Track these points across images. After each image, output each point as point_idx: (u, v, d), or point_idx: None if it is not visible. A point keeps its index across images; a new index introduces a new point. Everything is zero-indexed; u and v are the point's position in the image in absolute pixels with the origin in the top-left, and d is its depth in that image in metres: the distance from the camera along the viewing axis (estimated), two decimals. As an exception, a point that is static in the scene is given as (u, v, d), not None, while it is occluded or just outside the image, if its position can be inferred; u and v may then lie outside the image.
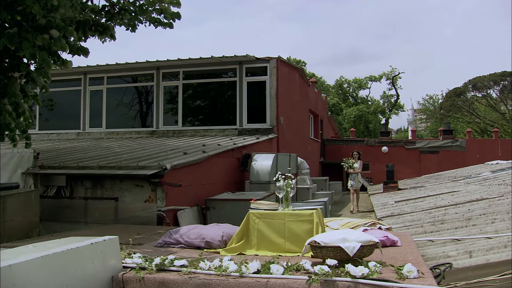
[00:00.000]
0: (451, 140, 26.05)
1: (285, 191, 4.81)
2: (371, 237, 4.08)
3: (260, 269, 3.66)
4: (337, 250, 3.85)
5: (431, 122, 61.54)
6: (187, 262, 3.79)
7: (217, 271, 3.64)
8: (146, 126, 16.52)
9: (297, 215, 4.67)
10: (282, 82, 15.79)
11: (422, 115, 65.94)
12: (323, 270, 3.45)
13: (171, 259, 3.81)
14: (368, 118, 48.63)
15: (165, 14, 7.14)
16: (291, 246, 4.57)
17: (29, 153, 8.62)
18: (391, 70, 48.14)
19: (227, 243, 4.76)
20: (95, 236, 6.14)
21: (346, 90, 52.30)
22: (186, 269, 3.68)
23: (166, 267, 3.75)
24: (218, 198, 9.36)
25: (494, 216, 7.12)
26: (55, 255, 3.07)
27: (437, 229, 6.91)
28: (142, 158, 9.40)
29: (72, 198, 8.57)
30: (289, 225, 4.61)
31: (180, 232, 4.98)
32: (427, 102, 61.80)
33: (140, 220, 8.10)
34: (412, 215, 8.81)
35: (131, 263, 3.90)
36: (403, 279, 3.49)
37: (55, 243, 3.54)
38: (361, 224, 5.10)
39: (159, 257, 3.81)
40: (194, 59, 15.57)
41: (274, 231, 4.63)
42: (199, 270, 3.69)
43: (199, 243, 4.76)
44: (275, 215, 4.71)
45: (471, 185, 12.60)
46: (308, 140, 22.23)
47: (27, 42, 6.00)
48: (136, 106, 17.00)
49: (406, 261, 4.07)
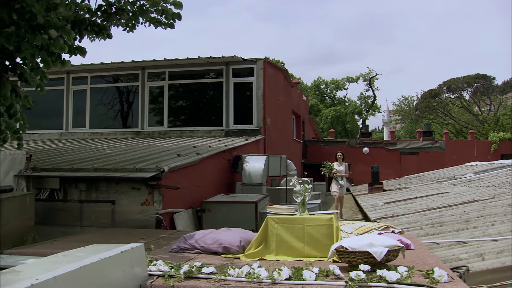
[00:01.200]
0: (430, 141, 26.51)
1: (303, 195, 4.80)
2: (396, 241, 4.10)
3: (291, 276, 3.63)
4: (364, 255, 3.85)
5: (406, 123, 62.56)
6: (215, 269, 3.73)
7: (248, 278, 3.59)
8: (131, 126, 16.30)
9: (316, 220, 4.66)
10: (268, 83, 15.81)
11: (397, 116, 66.95)
12: (360, 276, 3.45)
13: (199, 266, 3.75)
14: (346, 119, 49.11)
15: (166, 15, 7.05)
16: (311, 250, 4.55)
17: (21, 155, 8.40)
18: (368, 72, 48.74)
19: (245, 248, 4.71)
20: (101, 240, 6.04)
21: (324, 91, 52.66)
22: (215, 277, 3.62)
23: (194, 274, 3.68)
24: (214, 201, 9.29)
25: (492, 218, 7.26)
26: (92, 265, 2.98)
27: (438, 231, 6.99)
28: (136, 160, 9.26)
29: (66, 201, 8.38)
30: (308, 229, 4.60)
31: (195, 237, 4.91)
32: (402, 103, 62.78)
33: (137, 224, 7.96)
34: (408, 217, 8.90)
35: (156, 270, 3.82)
36: (435, 284, 3.51)
37: (82, 251, 3.44)
38: (375, 228, 5.12)
39: (187, 264, 3.75)
40: (181, 59, 15.46)
41: (293, 236, 4.61)
42: (229, 277, 3.63)
43: (217, 248, 4.70)
44: (294, 220, 4.69)
45: (457, 187, 12.83)
46: (291, 141, 22.31)
47: (26, 43, 5.85)
48: (121, 106, 16.77)
49: (427, 264, 4.10)
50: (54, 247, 5.65)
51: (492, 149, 29.49)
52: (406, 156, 25.90)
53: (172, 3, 7.02)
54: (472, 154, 28.63)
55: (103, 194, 8.43)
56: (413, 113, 56.94)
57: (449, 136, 32.58)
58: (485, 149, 29.58)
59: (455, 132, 45.15)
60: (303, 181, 4.89)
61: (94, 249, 3.50)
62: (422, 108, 51.19)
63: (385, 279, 3.48)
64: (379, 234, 5.02)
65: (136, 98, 16.26)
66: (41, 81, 7.01)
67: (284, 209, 4.98)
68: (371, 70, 48.74)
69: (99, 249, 3.50)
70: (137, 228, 7.85)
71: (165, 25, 7.24)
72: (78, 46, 6.77)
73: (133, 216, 8.12)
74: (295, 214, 4.87)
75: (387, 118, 72.65)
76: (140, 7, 7.12)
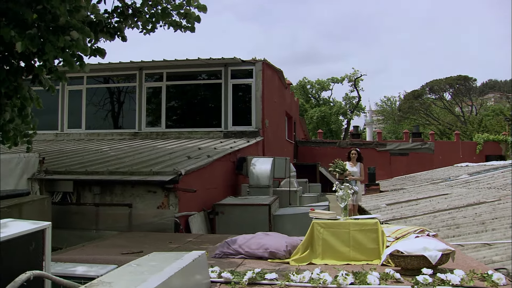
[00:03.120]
0: (420, 142, 26.88)
1: (346, 200, 4.86)
2: (446, 245, 4.18)
3: (354, 281, 3.68)
4: (420, 259, 3.94)
5: (389, 123, 63.23)
6: (277, 275, 3.76)
7: (313, 283, 3.64)
8: (128, 127, 16.15)
9: (361, 225, 4.73)
10: (267, 85, 15.85)
11: (380, 116, 67.61)
12: (427, 280, 3.52)
13: (261, 273, 3.77)
14: (330, 120, 49.39)
15: (189, 18, 7.03)
16: (356, 254, 4.63)
17: (34, 157, 8.29)
18: (353, 72, 49.04)
19: (291, 253, 4.75)
20: (130, 245, 6.01)
21: (309, 91, 52.88)
22: (280, 282, 3.66)
23: (257, 280, 3.71)
24: (227, 203, 9.30)
25: (507, 221, 7.43)
26: (175, 275, 2.98)
27: (457, 233, 7.13)
28: (148, 163, 9.21)
29: (81, 204, 8.30)
30: (354, 234, 4.67)
31: (238, 242, 4.93)
32: (384, 104, 63.46)
33: (154, 227, 7.93)
34: (419, 218, 9.03)
35: (216, 277, 3.84)
36: (495, 286, 3.60)
37: (152, 260, 3.43)
38: (411, 231, 5.21)
39: (250, 271, 3.77)
40: (179, 60, 15.42)
41: (339, 240, 4.67)
42: (293, 283, 3.67)
43: (262, 253, 4.73)
44: (340, 224, 4.75)
45: (456, 188, 13.06)
46: (284, 142, 22.40)
47: (50, 45, 5.80)
48: (117, 107, 16.62)
49: (471, 267, 4.19)
50: (86, 252, 5.62)
51: (477, 150, 30.02)
52: (396, 157, 26.24)
53: (196, 6, 7.02)
54: (458, 155, 29.12)
55: (118, 197, 8.37)
56: (395, 114, 57.61)
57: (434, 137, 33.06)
58: (471, 150, 30.11)
59: (439, 133, 45.85)
60: (345, 187, 4.95)
61: (161, 258, 3.49)
62: (405, 109, 51.87)
63: (449, 282, 3.56)
64: (416, 238, 5.11)
65: (133, 98, 16.14)
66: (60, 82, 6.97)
67: (327, 214, 5.03)
68: (356, 71, 49.04)
69: (167, 257, 3.50)
70: (154, 231, 7.82)
71: (185, 29, 7.22)
72: (97, 47, 6.74)
73: (149, 219, 8.09)
74: (337, 219, 4.92)
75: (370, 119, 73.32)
76: (163, 10, 7.10)
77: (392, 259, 4.12)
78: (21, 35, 5.61)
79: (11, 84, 6.52)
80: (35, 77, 6.76)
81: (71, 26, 6.02)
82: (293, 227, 9.03)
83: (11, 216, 6.63)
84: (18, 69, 6.61)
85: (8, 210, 6.48)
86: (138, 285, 2.64)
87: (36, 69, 6.50)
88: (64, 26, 6.05)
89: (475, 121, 42.36)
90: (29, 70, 6.68)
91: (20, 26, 5.77)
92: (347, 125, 50.80)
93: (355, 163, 10.23)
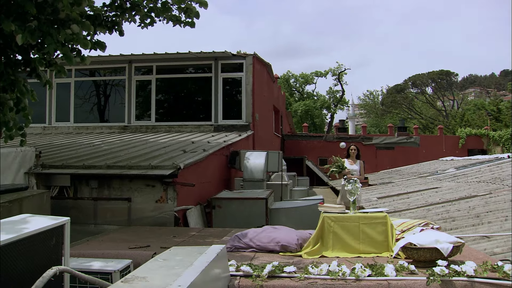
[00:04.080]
0: (406, 136, 27.24)
1: (356, 194, 4.95)
2: (455, 238, 4.30)
3: (371, 273, 3.76)
4: (432, 251, 4.05)
5: (371, 117, 63.83)
6: (296, 268, 3.83)
7: (331, 276, 3.71)
8: (117, 121, 16.02)
9: (371, 218, 4.83)
10: (256, 79, 15.89)
11: (362, 110, 68.18)
12: (444, 271, 3.62)
13: (280, 266, 3.83)
14: (314, 113, 49.67)
15: (190, 13, 6.99)
16: (366, 247, 4.73)
17: (31, 151, 8.19)
18: (337, 66, 49.30)
19: (302, 246, 4.82)
20: (135, 239, 6.01)
21: (293, 85, 53.04)
22: (300, 275, 3.72)
23: (277, 274, 3.77)
24: (224, 197, 9.33)
25: (501, 214, 7.62)
26: (206, 269, 3.02)
27: (455, 226, 7.28)
28: (145, 157, 9.18)
29: (80, 199, 8.25)
30: (364, 227, 4.76)
31: (248, 236, 4.98)
32: (367, 98, 63.99)
33: (154, 221, 7.94)
34: (413, 212, 9.19)
35: (235, 271, 3.88)
36: (508, 277, 3.72)
37: (177, 254, 3.46)
38: (416, 224, 5.31)
39: (270, 264, 3.82)
40: (170, 53, 15.36)
41: (348, 234, 4.76)
42: (312, 276, 3.74)
43: (274, 246, 4.79)
44: (350, 218, 4.84)
45: (445, 182, 13.30)
46: (272, 135, 22.48)
47: (50, 38, 5.76)
48: (106, 100, 16.47)
49: (478, 259, 4.33)
50: (93, 247, 5.61)
51: (460, 144, 30.52)
52: (382, 151, 26.55)
53: (197, 2, 6.98)
54: (441, 149, 29.60)
55: (116, 192, 8.35)
56: (378, 108, 58.17)
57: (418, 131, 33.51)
58: (453, 144, 30.62)
59: (422, 127, 46.49)
60: (354, 181, 5.03)
61: (185, 252, 3.52)
62: (388, 103, 52.44)
63: (465, 273, 3.66)
64: (422, 230, 5.22)
65: (122, 92, 16.01)
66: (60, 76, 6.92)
67: (337, 207, 5.11)
68: (340, 64, 49.32)
69: (190, 251, 3.53)
70: (153, 226, 7.83)
71: (185, 24, 7.19)
72: (97, 40, 6.71)
73: (148, 213, 8.09)
74: (346, 212, 5.01)
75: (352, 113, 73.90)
76: (163, 4, 7.05)
77: (405, 251, 4.22)
78: (21, 27, 5.55)
79: (9, 78, 6.46)
80: (32, 70, 6.70)
81: (70, 19, 5.98)
82: (287, 220, 9.13)
83: (12, 211, 6.60)
84: (16, 62, 6.55)
85: (9, 205, 6.43)
86: (175, 279, 2.67)
87: (35, 62, 6.45)
88: (64, 20, 6.01)
89: (458, 115, 43.01)
90: (27, 64, 6.62)
91: (20, 19, 5.71)
92: (331, 118, 51.17)
93: (355, 160, 9.18)
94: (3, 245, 3.06)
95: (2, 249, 3.04)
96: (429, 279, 3.63)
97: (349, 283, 3.63)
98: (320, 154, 26.31)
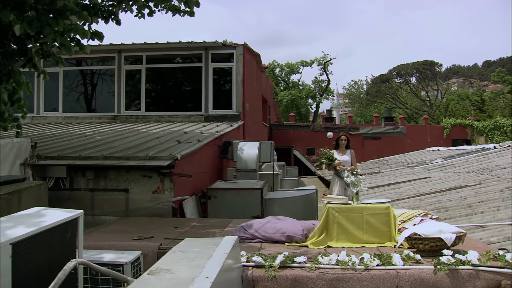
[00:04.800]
0: (392, 126, 27.54)
1: (359, 186, 5.06)
2: (457, 228, 4.44)
3: (379, 262, 3.88)
4: (436, 241, 4.19)
5: (356, 107, 64.23)
6: (306, 258, 3.92)
7: (342, 265, 3.81)
8: (107, 111, 15.93)
9: (374, 209, 4.95)
10: (247, 69, 15.92)
11: (347, 99, 68.53)
12: (450, 260, 3.75)
13: (290, 256, 3.92)
14: (300, 103, 49.82)
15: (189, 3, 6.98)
16: (369, 237, 4.86)
17: (26, 142, 8.14)
18: (323, 56, 49.42)
19: (307, 237, 4.93)
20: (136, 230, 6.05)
21: (278, 75, 53.06)
22: (311, 265, 3.81)
23: (288, 264, 3.86)
24: (219, 187, 9.38)
25: (493, 204, 7.81)
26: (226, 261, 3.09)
27: (448, 216, 7.46)
28: (140, 147, 9.18)
29: (76, 190, 8.24)
30: (367, 218, 4.89)
31: (253, 227, 5.06)
32: (352, 87, 64.29)
33: (151, 212, 7.98)
34: (405, 202, 9.36)
35: (245, 261, 3.96)
36: (510, 265, 3.87)
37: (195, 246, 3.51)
38: (416, 214, 5.45)
39: (281, 255, 3.92)
40: (160, 43, 15.36)
41: (352, 224, 4.88)
42: (322, 266, 3.84)
43: (279, 237, 4.88)
44: (354, 209, 4.96)
45: (434, 172, 13.52)
46: (261, 125, 22.55)
47: (49, 28, 5.73)
48: (96, 89, 16.34)
49: (478, 248, 4.47)
50: (96, 238, 5.64)
51: (444, 134, 30.96)
52: (369, 141, 26.83)
53: (198, -9, 6.98)
54: (426, 138, 30.01)
55: (112, 182, 8.35)
56: (363, 98, 58.56)
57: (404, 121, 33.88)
58: (438, 134, 31.05)
59: (407, 117, 47.01)
60: (357, 173, 5.14)
61: (200, 244, 3.58)
62: (373, 92, 52.82)
63: (470, 262, 3.80)
64: (421, 221, 5.36)
65: (112, 81, 15.91)
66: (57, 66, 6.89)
67: (340, 199, 5.23)
68: (326, 54, 49.44)
69: (205, 243, 3.60)
70: (151, 216, 7.88)
71: (184, 13, 7.19)
72: (95, 31, 6.68)
73: (145, 204, 8.12)
74: (349, 203, 5.12)
75: (337, 102, 74.24)
76: (164, -5, 7.03)
77: (409, 241, 4.35)
78: (19, 18, 5.51)
79: (5, 68, 6.43)
80: (29, 60, 6.67)
81: (67, 9, 5.95)
82: (281, 210, 9.23)
83: (11, 202, 6.60)
84: (13, 53, 6.51)
85: (8, 196, 6.42)
86: (200, 271, 2.74)
87: (32, 52, 6.42)
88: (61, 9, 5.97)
89: (442, 105, 43.55)
90: (23, 54, 6.58)
91: (18, 8, 5.66)
92: (316, 108, 51.37)
93: (345, 151, 8.81)
94: (24, 238, 3.09)
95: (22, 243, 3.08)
96: (436, 268, 3.75)
97: (359, 272, 3.75)
98: (307, 144, 26.51)
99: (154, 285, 2.50)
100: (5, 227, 3.21)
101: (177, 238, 5.55)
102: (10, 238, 2.97)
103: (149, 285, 2.51)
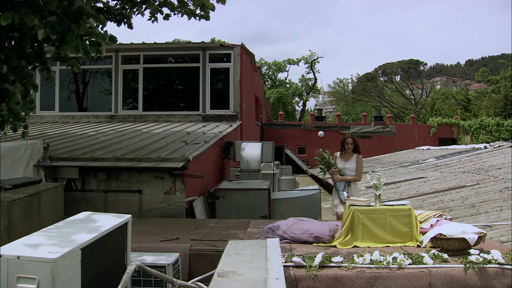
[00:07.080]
0: (382, 125, 27.95)
1: (381, 188, 5.29)
2: (478, 229, 4.70)
3: (412, 262, 4.12)
4: (461, 241, 4.45)
5: (341, 105, 64.81)
6: (343, 258, 4.13)
7: (376, 265, 4.04)
8: (104, 110, 15.96)
9: (397, 210, 5.20)
10: (243, 69, 16.09)
11: (332, 98, 69.11)
12: (479, 260, 4.00)
13: (327, 256, 4.13)
14: (287, 101, 50.15)
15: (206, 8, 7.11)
16: (392, 238, 5.10)
17: (39, 144, 8.21)
18: (310, 54, 49.86)
19: (334, 237, 5.14)
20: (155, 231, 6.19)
21: (265, 73, 53.32)
22: (348, 265, 4.03)
23: (326, 264, 4.07)
24: (227, 188, 9.56)
25: (495, 204, 8.11)
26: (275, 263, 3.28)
27: (454, 216, 7.72)
28: (148, 148, 9.28)
29: (89, 191, 8.32)
30: (390, 219, 5.13)
31: (281, 228, 5.25)
32: (337, 85, 64.86)
33: (164, 213, 8.10)
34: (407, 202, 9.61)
35: (284, 262, 4.15)
36: (535, 265, 4.13)
37: (243, 248, 3.70)
38: (432, 215, 5.70)
39: (319, 255, 4.12)
40: (158, 43, 15.43)
41: (376, 225, 5.12)
42: (358, 265, 4.06)
43: (307, 238, 5.08)
44: (378, 210, 5.20)
45: (429, 172, 13.86)
46: (254, 125, 22.74)
47: (71, 33, 5.84)
48: (92, 89, 16.34)
49: (495, 247, 4.74)
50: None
51: (431, 133, 31.50)
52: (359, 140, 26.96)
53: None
54: (413, 138, 30.50)
55: (124, 184, 8.45)
56: (348, 96, 59.11)
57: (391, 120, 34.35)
58: (425, 133, 31.58)
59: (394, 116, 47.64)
60: (379, 175, 5.37)
61: (248, 246, 3.77)
62: (359, 91, 53.39)
63: (496, 261, 4.06)
64: (437, 222, 5.62)
65: (109, 81, 15.94)
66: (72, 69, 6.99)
67: (363, 201, 5.46)
68: (313, 53, 49.91)
69: (251, 245, 3.78)
70: (163, 217, 8.02)
71: (200, 17, 7.32)
72: (110, 35, 6.79)
73: (157, 205, 8.24)
74: (371, 205, 5.36)
75: (322, 100, 74.76)
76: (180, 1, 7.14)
77: (434, 241, 4.60)
78: (42, 22, 5.62)
79: (22, 71, 6.51)
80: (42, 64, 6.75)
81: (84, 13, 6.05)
82: (287, 210, 9.47)
83: (32, 204, 6.70)
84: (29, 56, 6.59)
85: (30, 198, 6.51)
86: (266, 273, 2.93)
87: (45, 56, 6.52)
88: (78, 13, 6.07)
89: (428, 104, 44.22)
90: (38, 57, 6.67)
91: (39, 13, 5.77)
92: (303, 106, 51.77)
93: (350, 156, 7.24)
94: (91, 243, 3.24)
95: (89, 248, 3.22)
96: (466, 266, 4.00)
97: (394, 271, 3.98)
98: (298, 143, 26.79)
99: (232, 286, 2.67)
100: (69, 232, 3.36)
101: (202, 240, 5.71)
102: (80, 243, 3.10)
103: (227, 287, 2.68)
